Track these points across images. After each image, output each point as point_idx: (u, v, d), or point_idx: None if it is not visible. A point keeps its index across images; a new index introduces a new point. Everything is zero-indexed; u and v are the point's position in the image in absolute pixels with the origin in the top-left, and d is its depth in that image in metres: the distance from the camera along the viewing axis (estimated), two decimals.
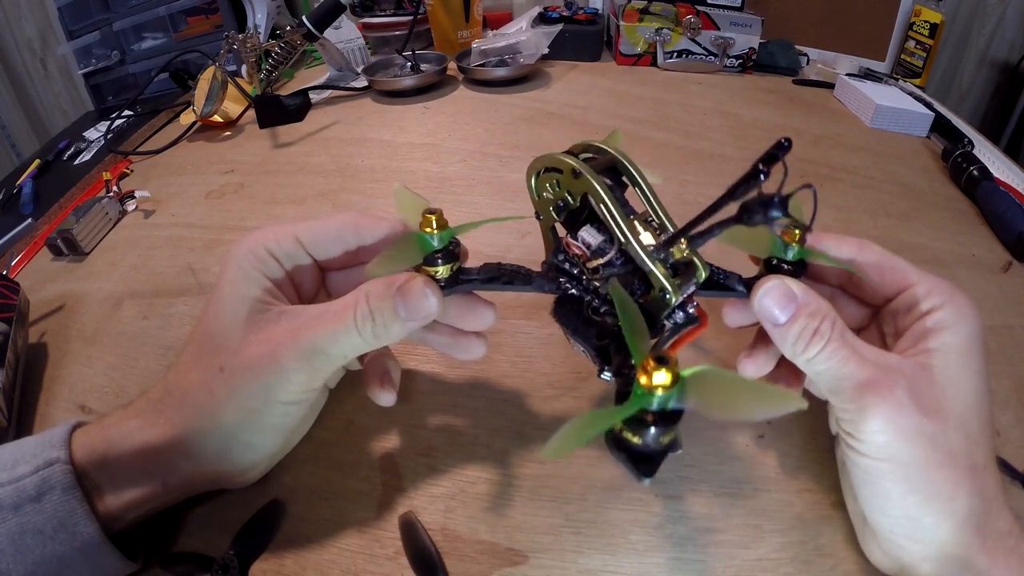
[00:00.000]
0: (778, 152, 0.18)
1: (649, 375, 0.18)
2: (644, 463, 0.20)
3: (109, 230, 0.53)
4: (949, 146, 0.60)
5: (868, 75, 0.80)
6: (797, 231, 0.26)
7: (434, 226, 0.25)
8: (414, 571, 0.27)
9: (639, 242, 0.24)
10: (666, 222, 0.26)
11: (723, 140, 0.64)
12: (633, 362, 0.19)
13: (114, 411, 0.27)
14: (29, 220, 0.62)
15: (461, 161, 0.60)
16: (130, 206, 0.56)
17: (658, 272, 0.24)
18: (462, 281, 0.27)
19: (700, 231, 0.22)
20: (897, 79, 0.79)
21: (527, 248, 0.46)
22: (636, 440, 0.19)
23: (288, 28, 0.72)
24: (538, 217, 0.29)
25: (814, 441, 0.32)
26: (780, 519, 0.29)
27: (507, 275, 0.27)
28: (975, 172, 0.55)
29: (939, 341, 0.25)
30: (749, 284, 0.27)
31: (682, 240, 0.24)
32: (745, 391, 0.19)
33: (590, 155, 0.28)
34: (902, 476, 0.23)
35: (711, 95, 0.76)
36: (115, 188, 0.57)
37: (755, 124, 0.68)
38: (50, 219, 0.59)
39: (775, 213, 0.18)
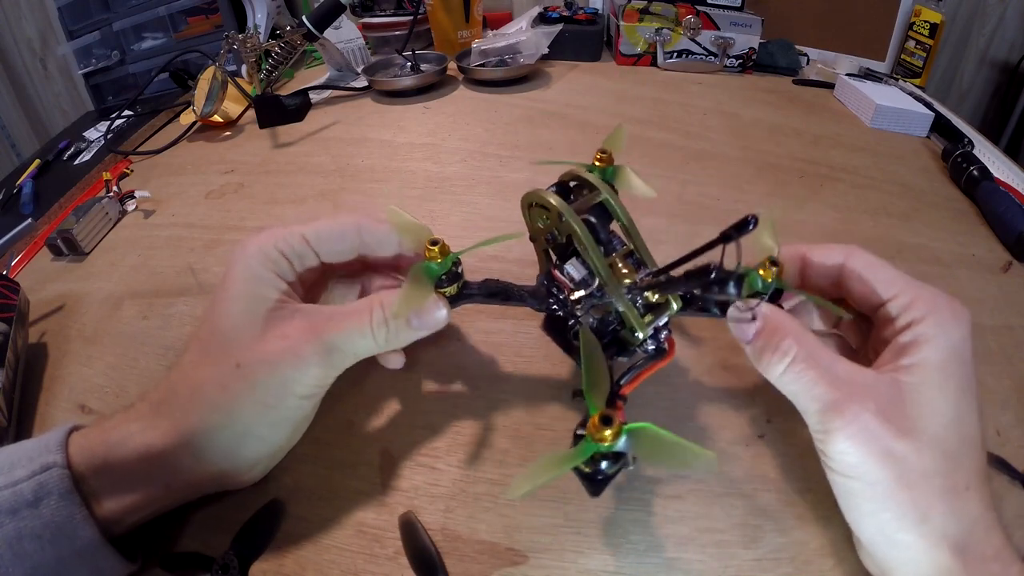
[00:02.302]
0: (740, 230, 0.21)
1: (597, 430, 0.21)
2: (594, 484, 0.24)
3: (109, 230, 0.53)
4: (949, 146, 0.60)
5: (868, 75, 0.80)
6: (774, 268, 0.27)
7: (438, 254, 0.28)
8: (414, 571, 0.27)
9: (615, 285, 0.27)
10: (645, 257, 0.29)
11: (723, 140, 0.64)
12: (589, 413, 0.22)
13: (113, 415, 0.27)
14: (29, 220, 0.62)
15: (461, 161, 0.60)
16: (130, 206, 0.56)
17: (630, 314, 0.26)
18: (465, 296, 0.30)
19: (666, 287, 0.25)
20: (897, 79, 0.79)
21: (527, 248, 0.46)
22: (588, 469, 0.23)
23: (288, 28, 0.72)
24: (532, 240, 0.32)
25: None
26: (780, 519, 0.29)
27: (504, 292, 0.31)
28: (975, 172, 0.55)
29: (917, 356, 0.24)
30: (724, 305, 0.29)
31: (653, 289, 0.26)
32: (670, 447, 0.22)
33: (578, 183, 0.31)
34: (871, 495, 0.23)
35: (711, 95, 0.76)
36: (115, 188, 0.57)
37: (755, 124, 0.68)
38: (50, 219, 0.59)
39: (731, 290, 0.21)
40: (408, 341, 0.28)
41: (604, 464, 0.22)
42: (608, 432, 0.21)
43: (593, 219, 0.29)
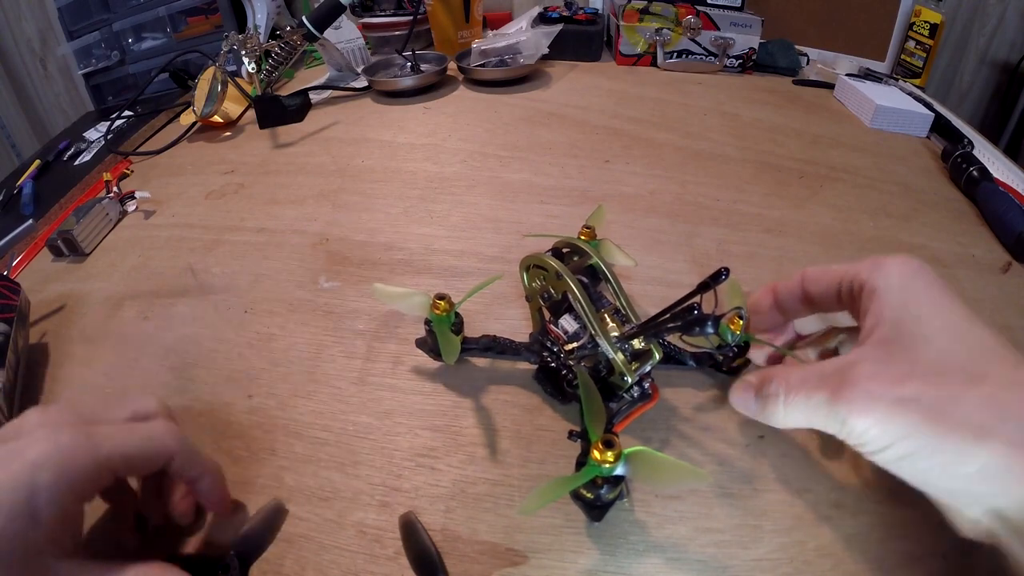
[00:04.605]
0: (715, 279, 0.24)
1: (600, 452, 0.24)
2: (595, 510, 0.27)
3: (109, 231, 0.53)
4: (949, 146, 0.60)
5: (868, 75, 0.80)
6: (741, 320, 0.30)
7: (442, 308, 0.32)
8: (414, 571, 0.27)
9: (605, 335, 0.30)
10: (630, 314, 0.31)
11: (723, 140, 0.64)
12: (589, 439, 0.25)
13: None
14: (29, 221, 0.62)
15: (461, 161, 0.60)
16: (130, 206, 0.56)
17: (618, 360, 0.29)
18: (465, 349, 0.33)
19: (652, 329, 0.28)
20: (897, 79, 0.79)
21: (525, 248, 0.46)
22: (590, 495, 0.25)
23: (288, 28, 0.72)
24: (528, 300, 0.35)
25: (814, 441, 0.32)
26: (780, 519, 0.29)
27: (500, 346, 0.35)
28: (975, 172, 0.55)
29: (874, 308, 0.25)
30: (698, 357, 0.35)
31: (638, 337, 0.29)
32: (666, 468, 0.24)
33: (570, 250, 0.35)
34: (916, 447, 0.22)
35: (711, 95, 0.76)
36: (115, 188, 0.57)
37: (755, 124, 0.68)
38: (50, 220, 0.59)
39: (709, 329, 0.24)
40: None
41: (604, 489, 0.25)
42: (611, 454, 0.23)
43: (585, 279, 0.33)
